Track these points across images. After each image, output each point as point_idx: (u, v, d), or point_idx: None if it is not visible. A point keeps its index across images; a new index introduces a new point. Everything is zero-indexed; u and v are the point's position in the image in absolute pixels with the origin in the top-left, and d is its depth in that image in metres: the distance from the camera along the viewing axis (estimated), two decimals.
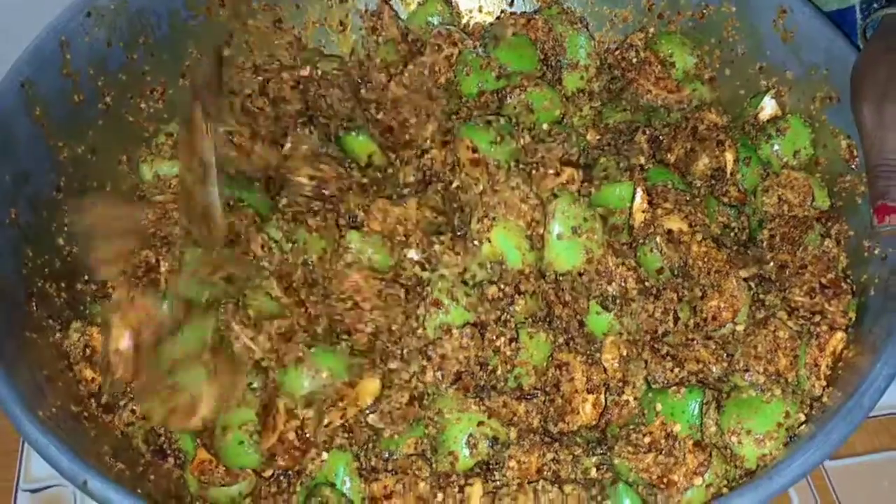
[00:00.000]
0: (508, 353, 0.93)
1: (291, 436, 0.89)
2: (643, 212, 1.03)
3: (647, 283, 0.99)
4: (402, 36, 1.26)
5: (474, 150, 1.04)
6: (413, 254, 0.99)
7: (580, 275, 1.00)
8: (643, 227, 1.04)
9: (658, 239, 1.01)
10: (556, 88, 1.21)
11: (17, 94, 1.03)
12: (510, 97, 1.15)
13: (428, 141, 1.14)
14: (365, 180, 1.07)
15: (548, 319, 0.98)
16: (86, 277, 1.05)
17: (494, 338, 0.93)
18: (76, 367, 0.97)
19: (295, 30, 1.29)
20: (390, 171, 1.12)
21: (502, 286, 0.96)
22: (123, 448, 0.94)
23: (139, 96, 1.18)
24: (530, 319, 0.96)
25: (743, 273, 1.01)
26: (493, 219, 0.98)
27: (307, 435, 0.89)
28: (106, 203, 1.08)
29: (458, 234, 1.02)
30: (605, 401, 0.94)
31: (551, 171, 1.04)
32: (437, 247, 0.99)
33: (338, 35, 1.31)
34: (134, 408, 0.95)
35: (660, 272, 1.01)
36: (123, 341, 0.94)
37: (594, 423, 0.93)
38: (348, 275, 0.96)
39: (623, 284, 0.98)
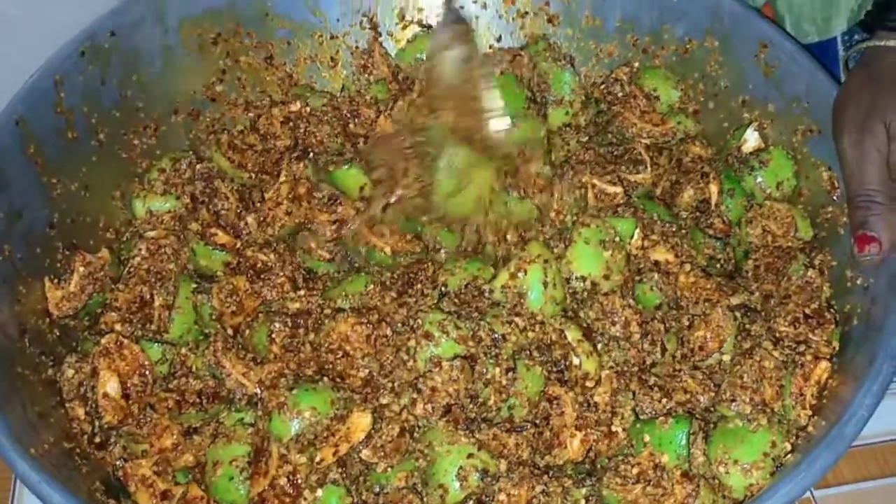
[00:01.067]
0: (504, 382, 0.94)
1: (283, 481, 0.89)
2: (637, 248, 1.05)
3: (647, 326, 1.00)
4: (393, 75, 1.28)
5: None
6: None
7: (592, 286, 1.02)
8: (632, 261, 1.05)
9: (657, 276, 1.03)
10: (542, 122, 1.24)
11: (11, 131, 1.04)
12: None
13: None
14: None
15: (540, 352, 0.99)
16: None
17: (485, 370, 0.94)
18: (69, 405, 0.97)
19: (286, 66, 1.31)
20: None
21: (510, 320, 0.98)
22: (115, 484, 0.94)
23: (132, 132, 1.19)
24: (525, 352, 0.97)
25: (734, 300, 1.03)
26: (538, 257, 1.01)
27: (298, 481, 0.89)
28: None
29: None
30: (593, 437, 0.95)
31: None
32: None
33: (329, 71, 1.33)
34: (125, 444, 0.95)
35: (658, 308, 1.03)
36: (111, 386, 0.94)
37: (580, 458, 0.94)
38: (335, 327, 0.97)
39: (627, 328, 0.99)
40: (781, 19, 1.22)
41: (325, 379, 0.95)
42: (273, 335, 0.99)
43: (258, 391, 0.95)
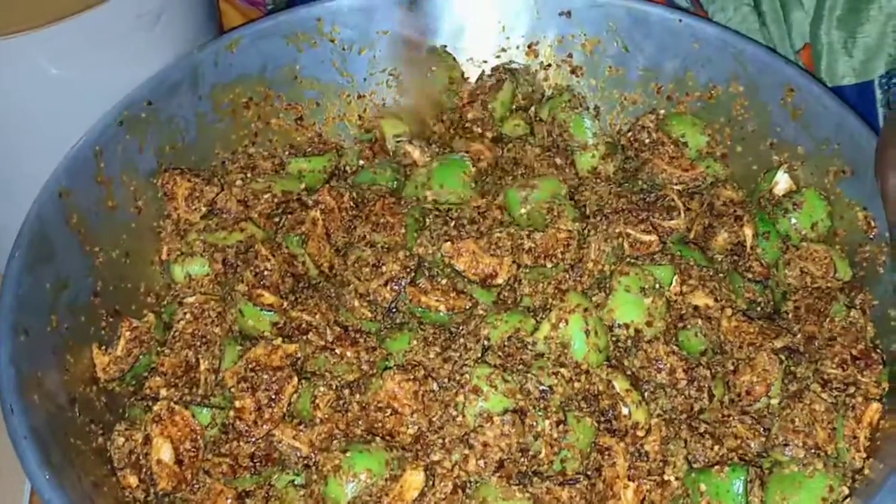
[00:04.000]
0: (555, 435, 0.94)
1: None
2: (676, 294, 1.06)
3: (693, 372, 1.00)
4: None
5: None
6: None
7: (636, 333, 1.02)
8: (673, 307, 1.06)
9: (700, 322, 1.03)
10: (569, 171, 1.25)
11: (55, 203, 1.06)
12: (524, 205, 1.17)
13: None
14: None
15: (588, 403, 0.99)
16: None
17: (535, 424, 0.94)
18: (120, 473, 0.97)
19: (316, 126, 1.34)
20: None
21: (556, 371, 0.98)
22: None
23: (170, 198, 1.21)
24: (573, 403, 0.98)
25: (777, 343, 1.03)
26: (577, 306, 1.01)
27: None
28: None
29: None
30: (647, 487, 0.94)
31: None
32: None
33: (357, 129, 1.36)
34: None
35: (703, 354, 1.03)
36: (164, 452, 0.95)
37: None
38: (382, 385, 0.98)
39: (673, 375, 0.99)
40: (818, 59, 1.23)
41: (378, 439, 0.95)
42: (317, 400, 0.99)
43: (312, 454, 0.95)
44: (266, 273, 1.10)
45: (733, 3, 1.29)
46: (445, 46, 1.34)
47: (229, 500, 0.94)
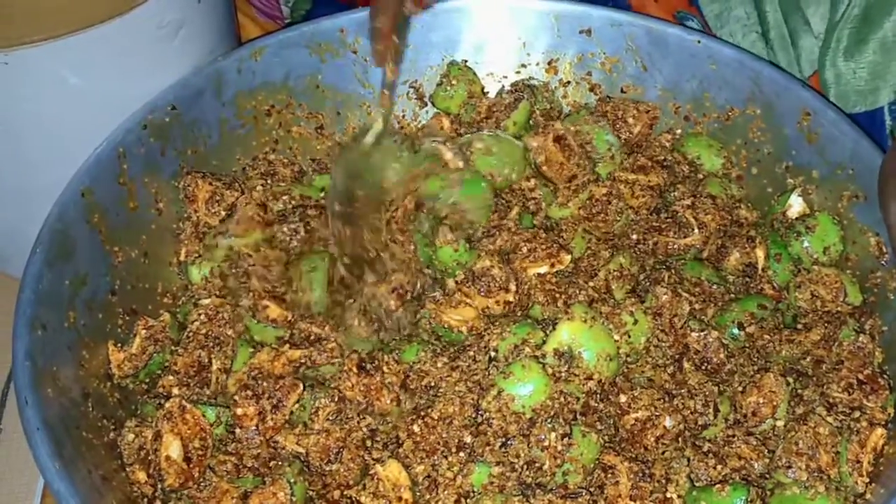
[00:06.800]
0: (559, 448, 0.94)
1: None
2: (683, 314, 1.07)
3: (701, 387, 1.02)
4: None
5: None
6: None
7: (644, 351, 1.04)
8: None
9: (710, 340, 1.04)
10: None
11: (77, 202, 1.08)
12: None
13: None
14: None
15: (596, 418, 1.00)
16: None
17: (542, 436, 0.95)
18: (129, 469, 0.98)
19: (336, 135, 1.35)
20: None
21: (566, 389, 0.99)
22: None
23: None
24: (582, 418, 0.98)
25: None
26: (587, 319, 1.02)
27: None
28: None
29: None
30: None
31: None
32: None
33: None
34: None
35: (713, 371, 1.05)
36: (174, 449, 0.96)
37: None
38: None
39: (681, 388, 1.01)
40: (827, 89, 1.24)
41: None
42: (319, 411, 1.00)
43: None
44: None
45: (741, 29, 1.30)
46: (466, 61, 1.35)
47: (234, 500, 0.95)
